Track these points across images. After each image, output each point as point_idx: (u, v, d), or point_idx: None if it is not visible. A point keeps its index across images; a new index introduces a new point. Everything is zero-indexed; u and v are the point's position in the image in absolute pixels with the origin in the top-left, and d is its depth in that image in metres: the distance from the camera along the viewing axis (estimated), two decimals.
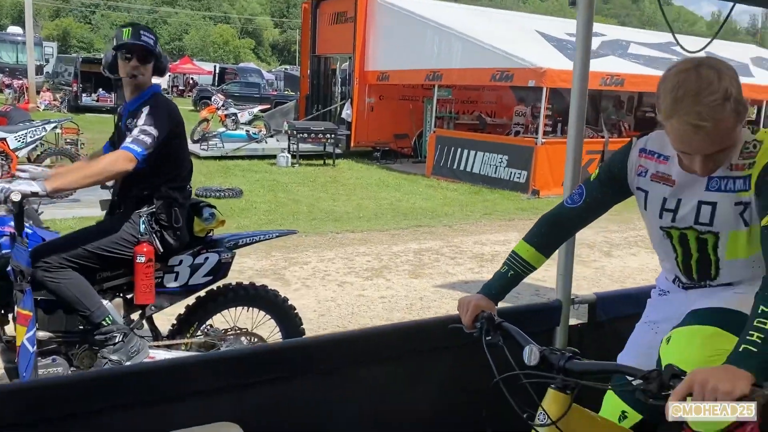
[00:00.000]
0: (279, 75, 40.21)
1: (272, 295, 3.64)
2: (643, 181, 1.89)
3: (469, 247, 7.79)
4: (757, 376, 1.36)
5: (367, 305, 5.48)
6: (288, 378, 1.92)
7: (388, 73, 15.36)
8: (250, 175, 12.32)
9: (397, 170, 14.31)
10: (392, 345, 2.06)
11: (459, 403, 2.11)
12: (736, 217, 1.74)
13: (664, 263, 2.02)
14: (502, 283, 1.99)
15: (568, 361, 1.55)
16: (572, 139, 2.42)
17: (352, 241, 7.81)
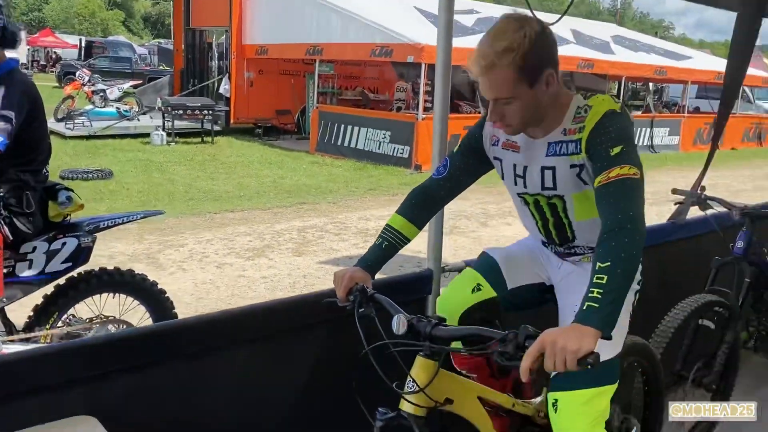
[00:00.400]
0: (152, 49, 38.14)
1: (140, 279, 3.44)
2: (497, 150, 1.96)
3: (354, 223, 7.81)
4: (602, 329, 1.43)
5: (248, 286, 5.35)
6: (148, 365, 1.81)
7: (267, 47, 14.97)
8: (121, 155, 11.63)
9: (280, 147, 14.05)
10: (262, 324, 1.99)
11: (333, 377, 2.08)
12: (574, 179, 1.81)
13: (530, 231, 2.09)
14: (377, 255, 1.98)
15: (434, 328, 1.56)
16: (438, 114, 2.44)
17: (231, 221, 7.59)
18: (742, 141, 19.71)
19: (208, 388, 1.92)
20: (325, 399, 2.10)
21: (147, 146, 12.81)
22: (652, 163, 14.88)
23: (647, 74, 17.26)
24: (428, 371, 1.58)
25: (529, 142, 1.87)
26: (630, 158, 1.65)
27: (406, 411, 1.59)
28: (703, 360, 2.98)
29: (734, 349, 3.03)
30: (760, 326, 3.42)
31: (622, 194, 1.61)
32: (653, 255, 3.35)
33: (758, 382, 3.71)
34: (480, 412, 1.78)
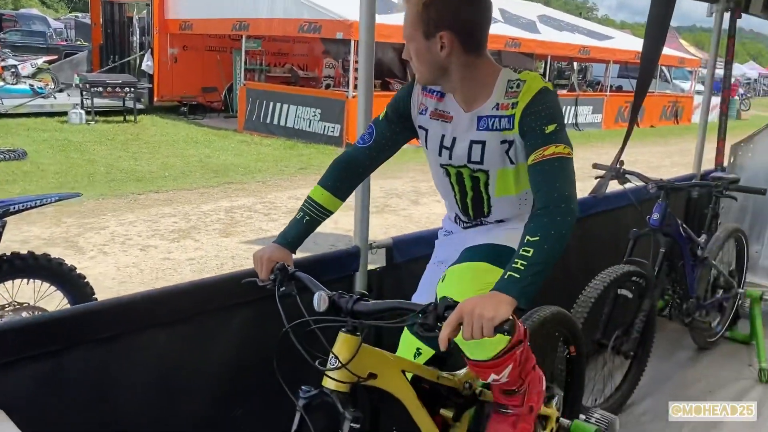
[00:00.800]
0: (69, 23, 36.16)
1: (56, 264, 3.28)
2: (423, 119, 1.92)
3: (284, 203, 7.70)
4: (518, 299, 1.44)
5: (173, 269, 5.19)
6: (60, 352, 1.71)
7: (192, 22, 14.46)
8: (36, 135, 11.03)
9: (207, 125, 13.67)
10: (182, 306, 1.92)
11: (257, 358, 2.03)
12: (502, 155, 1.81)
13: (446, 202, 2.09)
14: (298, 230, 1.93)
15: (356, 303, 1.54)
16: (363, 91, 2.40)
17: (156, 202, 7.33)
18: (660, 119, 20.58)
19: (126, 373, 1.84)
20: (248, 380, 2.06)
21: (64, 125, 12.20)
22: (576, 140, 15.25)
23: (572, 53, 17.71)
24: (350, 347, 1.56)
25: (460, 114, 1.84)
26: (563, 137, 1.67)
27: (329, 388, 1.57)
28: (622, 328, 3.09)
29: (651, 317, 3.16)
30: (675, 294, 3.58)
31: (558, 173, 1.62)
32: (575, 227, 3.44)
33: (674, 347, 3.91)
34: (404, 385, 1.78)
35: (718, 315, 4.05)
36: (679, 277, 3.52)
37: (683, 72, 24.93)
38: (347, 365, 1.54)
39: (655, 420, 3.12)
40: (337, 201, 1.99)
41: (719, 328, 3.99)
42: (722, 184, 3.51)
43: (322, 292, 1.56)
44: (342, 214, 2.25)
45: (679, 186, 3.37)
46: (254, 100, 13.42)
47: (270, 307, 1.70)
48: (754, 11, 4.60)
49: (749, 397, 3.38)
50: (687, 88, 23.88)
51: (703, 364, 3.75)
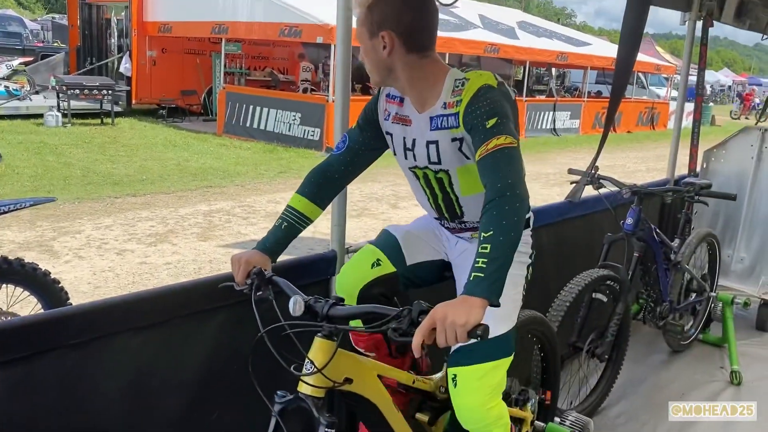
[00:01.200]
0: (46, 24, 35.66)
1: (29, 268, 3.23)
2: (388, 124, 1.96)
3: (263, 206, 7.67)
4: (489, 297, 1.45)
5: (150, 273, 5.15)
6: (31, 357, 1.69)
7: (171, 25, 14.37)
8: (11, 137, 10.87)
9: (186, 129, 13.58)
10: (156, 310, 1.91)
11: (233, 363, 2.03)
12: (456, 153, 1.84)
13: (423, 205, 2.11)
14: (277, 237, 1.94)
15: (331, 308, 1.55)
16: (339, 95, 2.40)
17: (133, 206, 7.27)
18: (637, 124, 20.87)
19: (99, 379, 1.82)
20: (224, 385, 2.05)
21: (40, 128, 12.05)
22: (554, 145, 15.50)
23: (550, 59, 17.88)
24: (326, 351, 1.56)
25: (416, 117, 1.88)
26: (505, 129, 1.67)
27: (304, 393, 1.57)
28: (597, 331, 3.13)
29: (625, 320, 3.20)
30: (649, 298, 3.63)
31: (501, 163, 1.62)
32: (551, 232, 3.49)
33: (648, 350, 3.96)
34: (380, 389, 1.79)
35: (692, 318, 4.12)
36: (653, 281, 3.58)
37: (659, 78, 25.32)
38: (322, 370, 1.54)
39: (629, 422, 3.16)
40: (316, 208, 2.01)
41: (692, 332, 4.06)
42: (694, 189, 3.56)
43: (298, 297, 1.56)
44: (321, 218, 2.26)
45: (652, 191, 3.42)
46: (234, 103, 13.36)
47: (246, 311, 1.69)
48: (726, 20, 4.69)
49: (721, 398, 3.44)
50: (663, 95, 24.25)
51: (676, 366, 3.80)
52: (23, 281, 3.24)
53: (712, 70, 50.58)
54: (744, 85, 50.24)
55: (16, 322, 1.74)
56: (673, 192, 3.70)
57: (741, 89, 47.46)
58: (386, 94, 1.96)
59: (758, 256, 4.43)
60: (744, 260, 4.49)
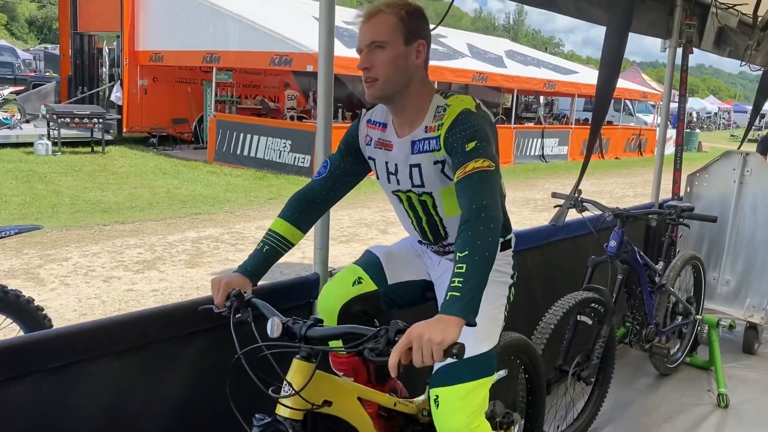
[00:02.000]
0: (38, 54, 35.85)
1: (13, 296, 3.20)
2: (370, 150, 2.00)
3: (252, 233, 7.66)
4: (465, 317, 1.46)
5: (136, 300, 5.11)
6: (4, 382, 1.67)
7: (162, 54, 14.48)
8: (0, 166, 10.85)
9: (177, 157, 13.60)
10: (135, 334, 1.89)
11: (212, 386, 2.01)
12: (439, 175, 1.87)
13: (407, 228, 2.12)
14: (259, 260, 1.96)
15: (309, 329, 1.55)
16: (321, 122, 2.42)
17: (121, 233, 7.24)
18: (625, 151, 21.08)
19: (77, 405, 1.80)
20: (203, 409, 2.03)
21: (30, 156, 12.04)
22: (542, 171, 15.62)
23: (537, 87, 18.11)
24: (304, 373, 1.56)
25: (398, 142, 1.92)
26: (484, 152, 1.70)
27: (282, 415, 1.56)
28: (582, 354, 3.13)
29: (610, 343, 3.20)
30: (634, 321, 3.63)
31: (477, 186, 1.65)
32: (536, 255, 3.51)
33: (635, 374, 3.96)
34: (360, 412, 1.78)
35: (678, 341, 4.13)
36: (638, 303, 3.59)
37: (646, 105, 25.66)
38: (300, 392, 1.53)
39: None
40: (297, 232, 2.04)
41: (679, 355, 4.06)
42: (676, 212, 3.60)
43: (276, 318, 1.56)
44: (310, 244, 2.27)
45: (634, 214, 3.45)
46: (225, 131, 13.42)
47: (226, 334, 1.69)
48: (706, 47, 4.79)
49: (707, 422, 3.43)
50: (650, 121, 24.55)
51: (663, 390, 3.80)
52: (6, 308, 3.21)
53: (699, 98, 51.38)
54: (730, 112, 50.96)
55: None
56: (656, 215, 3.73)
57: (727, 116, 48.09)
58: (367, 120, 2.00)
59: (743, 278, 4.45)
60: (729, 283, 4.52)
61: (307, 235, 5.38)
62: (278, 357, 1.60)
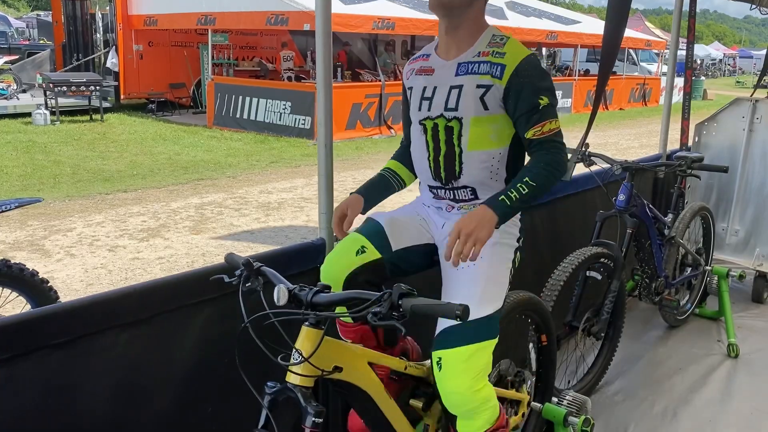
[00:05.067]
0: (31, 22, 35.36)
1: (17, 269, 3.19)
2: (411, 80, 2.06)
3: (255, 197, 7.62)
4: (499, 220, 1.76)
5: (143, 268, 5.11)
6: (13, 359, 1.65)
7: (156, 17, 14.20)
8: None
9: (176, 122, 13.48)
10: (143, 305, 1.87)
11: (223, 356, 2.00)
12: (476, 100, 1.88)
13: (421, 173, 2.09)
14: (375, 185, 2.15)
15: (315, 295, 1.51)
16: (321, 81, 2.34)
17: (124, 202, 7.21)
18: (629, 101, 20.80)
19: (86, 378, 1.78)
20: (215, 379, 2.02)
21: (29, 126, 11.94)
22: None
23: (539, 38, 17.76)
24: (313, 340, 1.53)
25: (441, 65, 1.96)
26: (554, 111, 1.89)
27: (292, 383, 1.54)
28: (592, 310, 3.11)
29: (620, 297, 3.18)
30: (644, 274, 3.61)
31: (555, 147, 1.87)
32: (543, 212, 3.46)
33: (644, 327, 3.95)
34: (371, 377, 1.76)
35: (687, 293, 4.11)
36: (647, 256, 3.55)
37: (650, 54, 25.22)
38: (309, 359, 1.51)
39: (627, 399, 3.15)
40: (410, 174, 2.19)
41: (688, 306, 4.05)
42: (686, 163, 3.54)
43: (282, 286, 1.53)
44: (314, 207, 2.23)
45: (643, 167, 3.39)
46: (223, 94, 13.25)
47: (234, 304, 1.66)
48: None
49: (718, 372, 3.44)
50: (654, 70, 24.16)
51: (673, 341, 3.80)
52: (11, 282, 3.20)
53: (703, 44, 50.44)
54: (735, 58, 50.12)
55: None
56: (665, 166, 3.67)
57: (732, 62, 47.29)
58: (413, 57, 2.11)
59: (752, 228, 4.41)
60: (738, 233, 4.48)
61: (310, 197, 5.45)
62: (288, 325, 1.57)
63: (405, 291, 1.38)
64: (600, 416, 2.93)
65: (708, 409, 3.08)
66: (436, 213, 2.09)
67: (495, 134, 1.91)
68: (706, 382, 3.33)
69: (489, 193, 1.93)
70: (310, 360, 1.51)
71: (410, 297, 1.39)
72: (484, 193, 1.96)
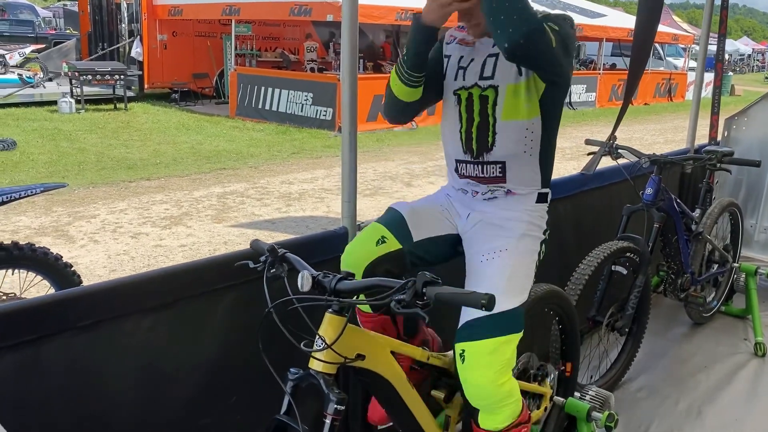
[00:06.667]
0: (58, 12, 35.83)
1: (41, 253, 3.23)
2: (449, 48, 2.01)
3: (276, 187, 7.64)
4: None
5: (165, 255, 5.15)
6: (40, 340, 1.66)
7: (181, 8, 14.28)
8: (26, 125, 10.92)
9: (199, 112, 13.56)
10: (166, 290, 1.87)
11: (243, 342, 2.00)
12: (513, 66, 1.85)
13: (450, 147, 2.03)
14: None
15: (339, 282, 1.50)
16: (347, 73, 2.31)
17: (147, 190, 7.27)
18: (654, 96, 20.50)
19: (110, 361, 1.79)
20: (237, 364, 2.02)
21: (54, 114, 12.09)
22: (570, 119, 15.28)
23: None
24: (336, 327, 1.52)
25: (481, 40, 1.94)
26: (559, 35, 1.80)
27: (315, 369, 1.53)
28: (617, 305, 3.07)
29: (645, 293, 3.13)
30: (669, 270, 3.54)
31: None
32: (568, 205, 3.41)
33: (669, 323, 3.89)
34: (393, 366, 1.75)
35: (714, 290, 4.04)
36: (674, 252, 3.49)
37: (676, 49, 24.80)
38: (332, 346, 1.50)
39: (650, 396, 3.11)
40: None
41: (714, 303, 3.97)
42: (716, 157, 3.46)
43: (306, 272, 1.52)
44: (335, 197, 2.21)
45: (672, 160, 3.32)
46: (245, 85, 13.30)
47: (258, 289, 1.66)
48: None
49: (745, 370, 3.37)
50: (680, 65, 23.77)
51: (698, 339, 3.73)
52: (35, 266, 3.24)
53: (732, 39, 49.49)
54: (764, 53, 49.14)
55: (22, 304, 1.71)
56: (694, 160, 3.60)
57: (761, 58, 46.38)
58: (456, 26, 2.04)
59: None
60: (767, 230, 4.38)
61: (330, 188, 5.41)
62: (311, 312, 1.56)
63: (429, 279, 1.35)
64: (622, 412, 2.89)
65: (733, 408, 3.02)
66: (460, 202, 2.06)
67: (528, 102, 1.87)
68: (732, 381, 3.27)
69: (518, 172, 1.91)
70: (333, 347, 1.50)
71: (435, 285, 1.37)
72: (513, 170, 1.92)
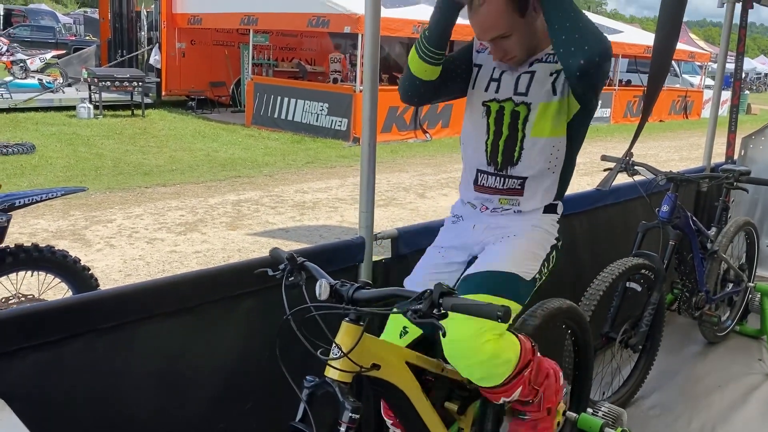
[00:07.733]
0: (78, 18, 36.34)
1: (60, 256, 3.28)
2: (481, 57, 2.01)
3: (291, 196, 7.69)
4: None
5: (180, 261, 5.19)
6: (62, 341, 1.69)
7: (200, 17, 14.45)
8: (44, 129, 11.07)
9: (215, 120, 13.68)
10: (187, 295, 1.90)
11: (263, 348, 2.02)
12: (548, 86, 1.87)
13: (473, 156, 2.03)
14: None
15: (356, 291, 1.52)
16: (368, 85, 2.33)
17: (163, 196, 7.33)
18: (669, 113, 20.42)
19: (129, 363, 1.82)
20: (254, 371, 2.04)
21: (73, 119, 12.24)
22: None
23: None
24: (353, 336, 1.54)
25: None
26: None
27: (331, 377, 1.54)
28: (631, 321, 3.06)
29: (659, 310, 3.12)
30: (684, 288, 3.53)
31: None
32: (584, 220, 3.42)
33: (683, 341, 3.87)
34: (408, 377, 1.76)
35: (728, 309, 4.01)
36: (689, 270, 3.48)
37: (693, 66, 24.74)
38: (348, 354, 1.52)
39: (663, 414, 3.09)
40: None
41: (729, 323, 3.95)
42: (733, 175, 3.45)
43: (324, 281, 1.54)
44: (349, 207, 2.23)
45: (689, 178, 3.32)
46: (262, 94, 13.40)
47: (276, 297, 1.68)
48: (766, 2, 4.53)
49: (759, 391, 3.34)
50: (696, 83, 23.68)
51: (712, 358, 3.71)
52: (54, 268, 3.29)
53: (748, 57, 49.22)
54: None
55: (46, 305, 1.74)
56: (711, 179, 3.59)
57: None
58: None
59: None
60: None
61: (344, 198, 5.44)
62: (329, 320, 1.58)
63: (446, 290, 1.37)
64: (635, 429, 2.87)
65: (747, 429, 3.00)
66: (467, 215, 2.07)
67: (557, 121, 1.90)
68: (746, 401, 3.24)
69: (537, 187, 1.94)
70: (349, 356, 1.52)
71: (451, 296, 1.38)
72: (533, 186, 1.95)
